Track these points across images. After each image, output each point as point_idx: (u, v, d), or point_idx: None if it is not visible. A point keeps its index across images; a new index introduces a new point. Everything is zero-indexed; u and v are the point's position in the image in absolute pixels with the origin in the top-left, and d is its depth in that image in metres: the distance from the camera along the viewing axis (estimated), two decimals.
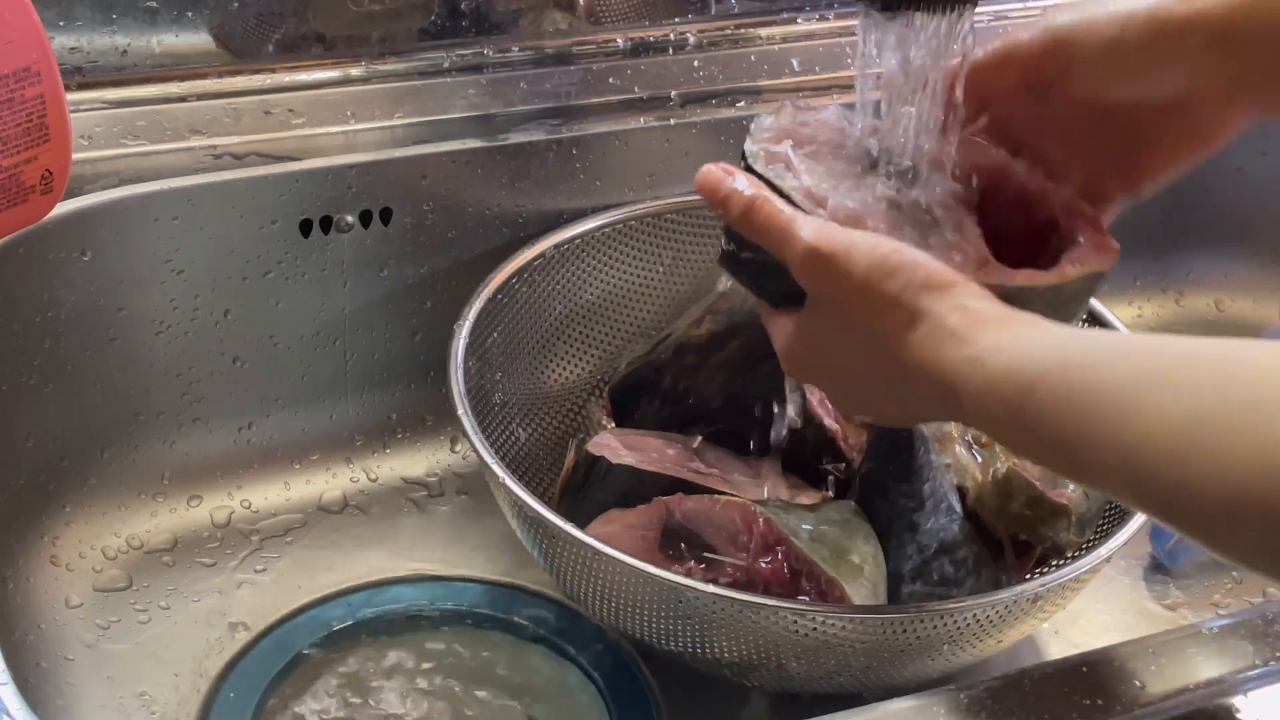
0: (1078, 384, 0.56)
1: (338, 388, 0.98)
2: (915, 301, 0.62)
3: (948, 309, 0.62)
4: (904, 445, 0.83)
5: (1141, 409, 0.52)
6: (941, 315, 0.62)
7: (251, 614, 0.88)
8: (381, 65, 0.98)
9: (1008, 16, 1.13)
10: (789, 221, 0.66)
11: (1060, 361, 0.57)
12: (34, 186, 0.70)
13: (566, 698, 0.83)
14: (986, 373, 0.59)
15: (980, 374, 0.60)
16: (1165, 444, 0.51)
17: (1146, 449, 0.52)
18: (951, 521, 0.82)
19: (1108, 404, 0.54)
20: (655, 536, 0.80)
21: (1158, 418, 0.52)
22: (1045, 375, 0.57)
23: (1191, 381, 0.52)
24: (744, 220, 0.68)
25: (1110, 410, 0.54)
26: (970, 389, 0.60)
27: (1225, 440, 0.49)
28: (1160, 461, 0.51)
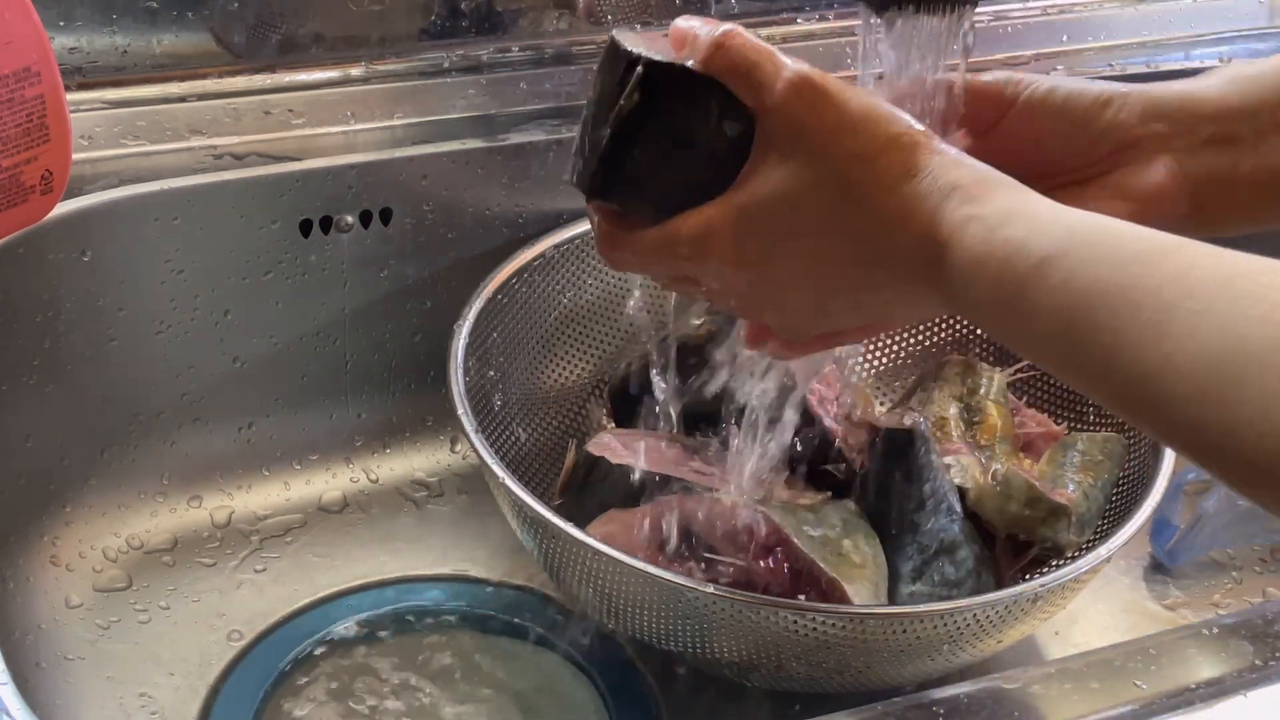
0: (1095, 278, 0.51)
1: (338, 388, 0.98)
2: (912, 149, 0.58)
3: (948, 162, 0.58)
4: (905, 445, 0.83)
5: (1173, 327, 0.48)
6: (941, 167, 0.57)
7: (251, 614, 0.88)
8: (381, 65, 0.98)
9: (1008, 16, 1.13)
10: (771, 51, 0.61)
11: (1080, 246, 0.52)
12: (34, 186, 0.70)
13: (566, 698, 0.83)
14: (989, 237, 0.54)
15: (979, 237, 0.55)
16: (1200, 376, 0.47)
17: (1174, 377, 0.48)
18: (952, 522, 0.82)
19: (1130, 311, 0.49)
20: (655, 536, 0.80)
21: (1193, 343, 0.47)
22: (1060, 257, 0.52)
23: (1233, 306, 0.47)
24: (718, 49, 0.61)
25: (1133, 319, 0.49)
26: (964, 251, 0.55)
27: (1274, 382, 0.45)
28: (1192, 395, 0.47)
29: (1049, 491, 0.84)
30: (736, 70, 0.61)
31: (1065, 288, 0.51)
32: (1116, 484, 0.88)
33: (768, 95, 0.60)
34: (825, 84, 0.60)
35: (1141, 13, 1.17)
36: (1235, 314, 0.47)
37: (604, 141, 0.63)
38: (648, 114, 0.62)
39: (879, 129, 0.59)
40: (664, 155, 0.63)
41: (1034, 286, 0.52)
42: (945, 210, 0.56)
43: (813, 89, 0.59)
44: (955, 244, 0.56)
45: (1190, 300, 0.48)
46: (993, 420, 0.90)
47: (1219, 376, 0.46)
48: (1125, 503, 0.86)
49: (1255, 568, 0.98)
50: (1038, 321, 0.53)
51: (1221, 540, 0.97)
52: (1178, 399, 0.47)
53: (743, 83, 0.61)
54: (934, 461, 0.83)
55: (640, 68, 0.62)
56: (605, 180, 0.64)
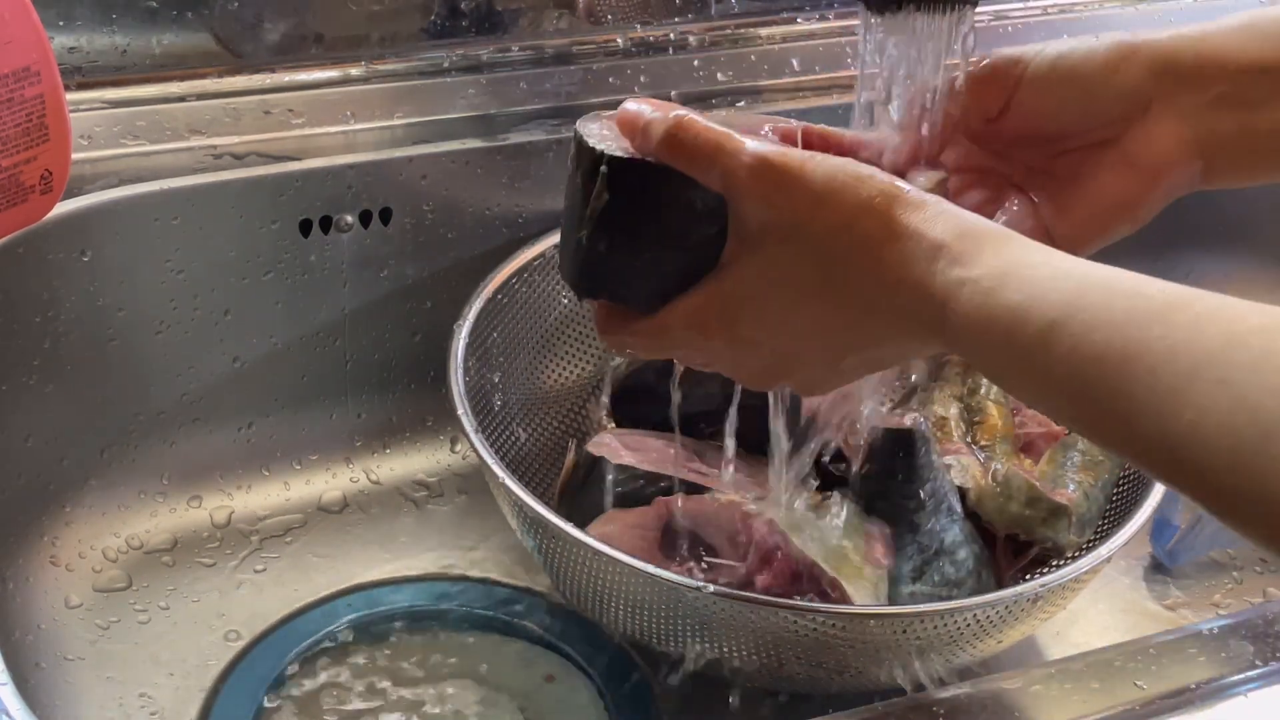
0: (1105, 343, 0.49)
1: (338, 388, 0.98)
2: (889, 211, 0.56)
3: (928, 219, 0.56)
4: (905, 446, 0.83)
5: (1192, 397, 0.47)
6: (922, 226, 0.56)
7: (251, 614, 0.88)
8: (381, 65, 0.98)
9: (1008, 16, 1.13)
10: (726, 136, 0.60)
11: (1083, 309, 0.51)
12: (34, 186, 0.70)
13: (566, 698, 0.83)
14: (985, 302, 0.53)
15: (975, 302, 0.53)
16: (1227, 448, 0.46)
17: (1201, 448, 0.47)
18: (952, 522, 0.82)
19: (1146, 377, 0.48)
20: (655, 537, 0.80)
21: (1216, 415, 0.46)
22: (1064, 322, 0.51)
23: (1252, 376, 0.46)
24: (672, 141, 0.60)
25: (1150, 386, 0.48)
26: (963, 316, 0.54)
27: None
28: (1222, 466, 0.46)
29: (1049, 491, 0.84)
30: (694, 161, 0.60)
31: (1075, 355, 0.50)
32: (1117, 484, 0.88)
33: (731, 180, 0.59)
34: (785, 162, 0.58)
35: (1141, 12, 1.17)
36: (1257, 383, 0.46)
37: (582, 242, 0.63)
38: (618, 211, 0.62)
39: (848, 197, 0.57)
40: (642, 248, 0.62)
41: (1042, 354, 0.51)
42: (934, 274, 0.55)
43: (773, 170, 0.58)
44: (952, 308, 0.54)
45: (1207, 368, 0.47)
46: (993, 420, 0.90)
47: (1247, 449, 0.45)
48: (1125, 503, 0.86)
49: (1255, 568, 0.98)
50: (1052, 386, 0.52)
51: (1222, 540, 0.97)
52: (1207, 469, 0.47)
53: (703, 172, 0.60)
54: (934, 461, 0.83)
55: (604, 167, 0.61)
56: (590, 280, 0.64)
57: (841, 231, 0.57)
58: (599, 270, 0.64)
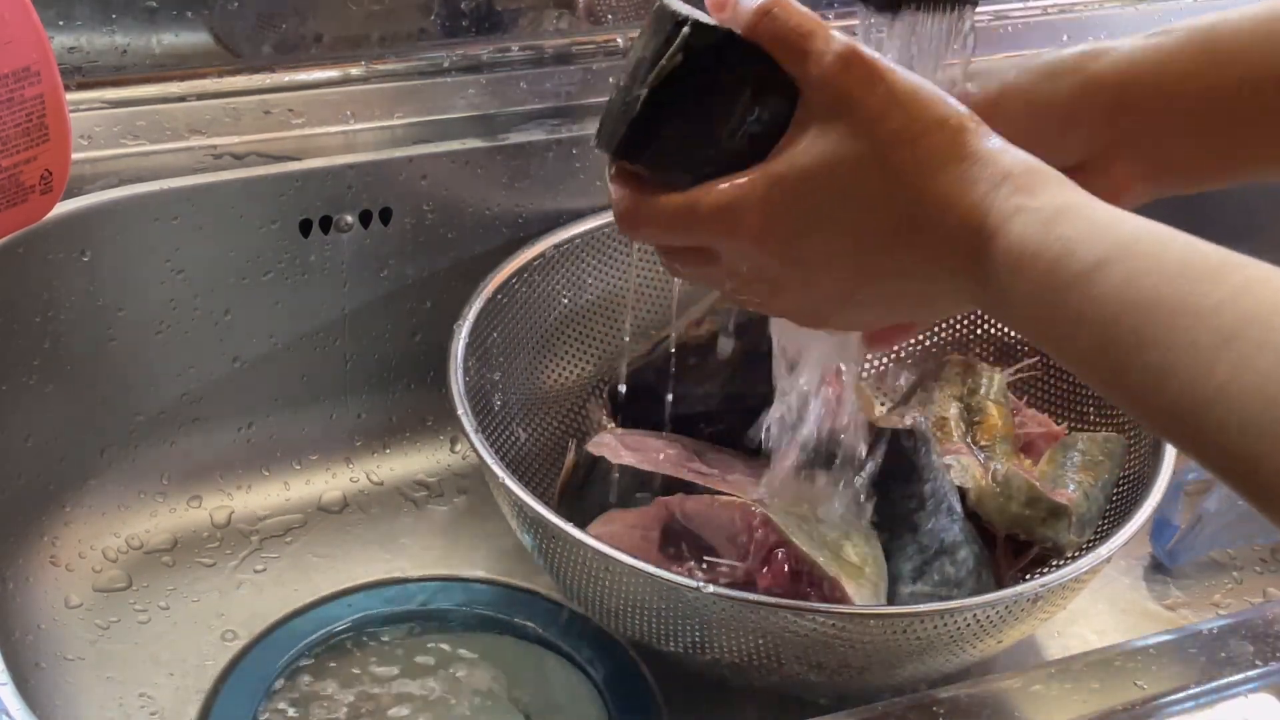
0: (1150, 289, 0.49)
1: (338, 388, 0.98)
2: (961, 132, 0.56)
3: (997, 149, 0.56)
4: (905, 445, 0.83)
5: (1229, 355, 0.46)
6: (991, 154, 0.56)
7: (251, 614, 0.88)
8: (381, 65, 0.98)
9: (1008, 16, 1.13)
10: (820, 23, 0.59)
11: (1136, 255, 0.50)
12: (34, 186, 0.70)
13: (566, 698, 0.83)
14: (1040, 233, 0.52)
15: (1030, 231, 0.52)
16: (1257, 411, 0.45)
17: (1227, 408, 0.46)
18: (952, 522, 0.82)
19: (1183, 331, 0.47)
20: (655, 537, 0.80)
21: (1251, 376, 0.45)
22: (1114, 263, 0.50)
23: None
24: (765, 16, 0.59)
25: (1186, 340, 0.47)
26: (1011, 244, 0.53)
27: None
28: (1247, 429, 0.45)
29: (1049, 491, 0.84)
30: (783, 39, 0.59)
31: (1116, 296, 0.50)
32: (1117, 484, 0.88)
33: (814, 66, 0.58)
34: (875, 60, 0.58)
35: (1141, 12, 1.17)
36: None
37: (639, 101, 0.61)
38: (688, 77, 0.60)
39: (927, 109, 0.57)
40: (699, 121, 0.61)
41: (1082, 291, 0.51)
42: (994, 199, 0.54)
43: (862, 63, 0.58)
44: (1002, 235, 0.54)
45: (1250, 328, 0.46)
46: (993, 420, 0.90)
47: (1272, 415, 0.44)
48: (1125, 503, 0.86)
49: (1255, 568, 0.98)
50: (1082, 328, 0.51)
51: (1222, 540, 0.97)
52: (1231, 431, 0.46)
53: (789, 52, 0.59)
54: (934, 461, 0.83)
55: (686, 29, 0.60)
56: (634, 142, 0.62)
57: (911, 140, 0.57)
58: (648, 134, 0.61)
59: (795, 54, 0.59)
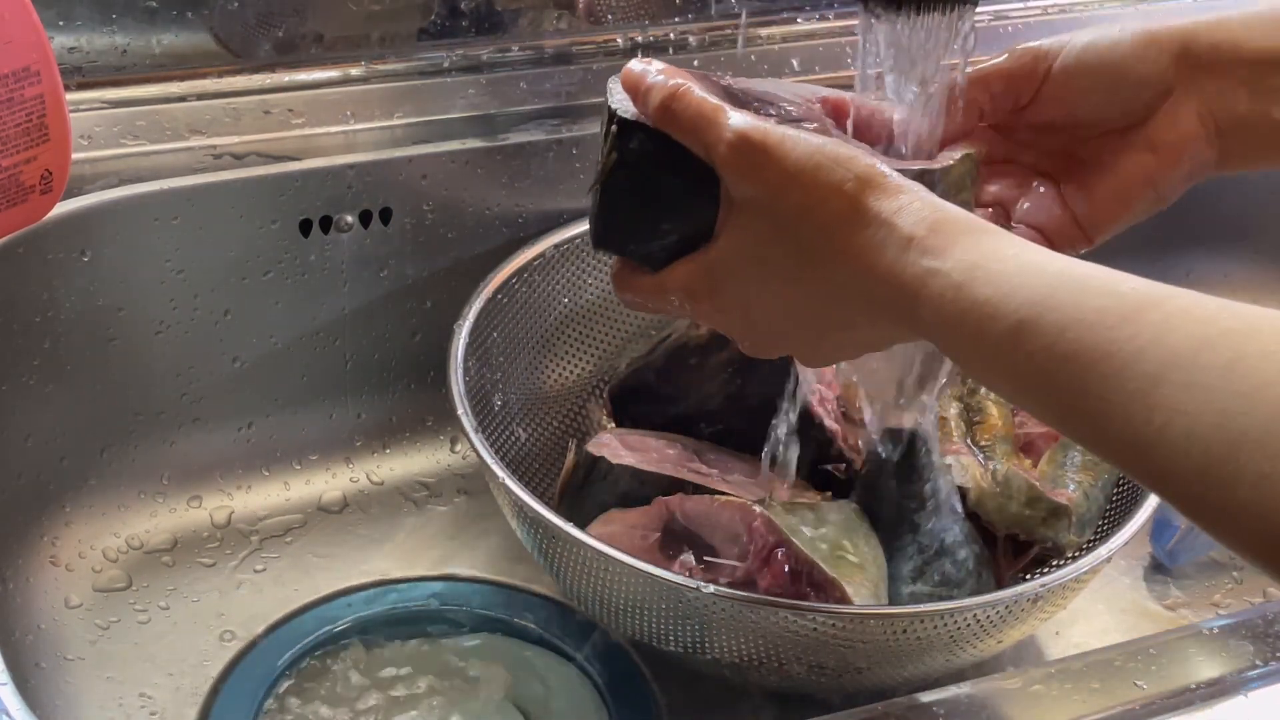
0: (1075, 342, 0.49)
1: (337, 388, 0.98)
2: (859, 197, 0.57)
3: (900, 207, 0.56)
4: (905, 446, 0.83)
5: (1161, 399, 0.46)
6: (894, 216, 0.56)
7: (251, 614, 0.88)
8: (381, 65, 0.98)
9: (1008, 16, 1.13)
10: (715, 110, 0.61)
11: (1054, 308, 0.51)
12: (34, 186, 0.70)
13: (567, 698, 0.83)
14: (956, 297, 0.53)
15: (947, 296, 0.54)
16: (1196, 454, 0.45)
17: (1169, 451, 0.46)
18: (953, 522, 0.82)
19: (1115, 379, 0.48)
20: (655, 537, 0.80)
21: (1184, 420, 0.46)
22: (1035, 322, 0.51)
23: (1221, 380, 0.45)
24: (664, 110, 0.62)
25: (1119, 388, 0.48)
26: (933, 309, 0.54)
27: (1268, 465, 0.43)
28: (1190, 471, 0.46)
29: (1049, 491, 0.84)
30: (686, 131, 0.62)
31: (1046, 354, 0.50)
32: (1117, 484, 0.88)
33: (716, 155, 0.61)
34: (764, 138, 0.59)
35: (1141, 12, 1.17)
36: (1224, 388, 0.45)
37: (596, 196, 0.65)
38: (624, 170, 0.64)
39: (820, 177, 0.58)
40: (644, 209, 0.65)
41: (1011, 352, 0.52)
42: (904, 264, 0.55)
43: (752, 147, 0.60)
44: (922, 301, 0.55)
45: (1175, 371, 0.47)
46: (993, 420, 0.90)
47: (1214, 456, 0.45)
48: (1125, 503, 0.86)
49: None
50: (1023, 383, 0.52)
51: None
52: (1175, 473, 0.47)
53: (694, 142, 0.62)
54: (934, 461, 0.83)
55: (613, 125, 0.64)
56: (601, 235, 0.67)
57: (813, 211, 0.58)
58: (608, 225, 0.66)
59: (697, 144, 0.62)
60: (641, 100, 0.63)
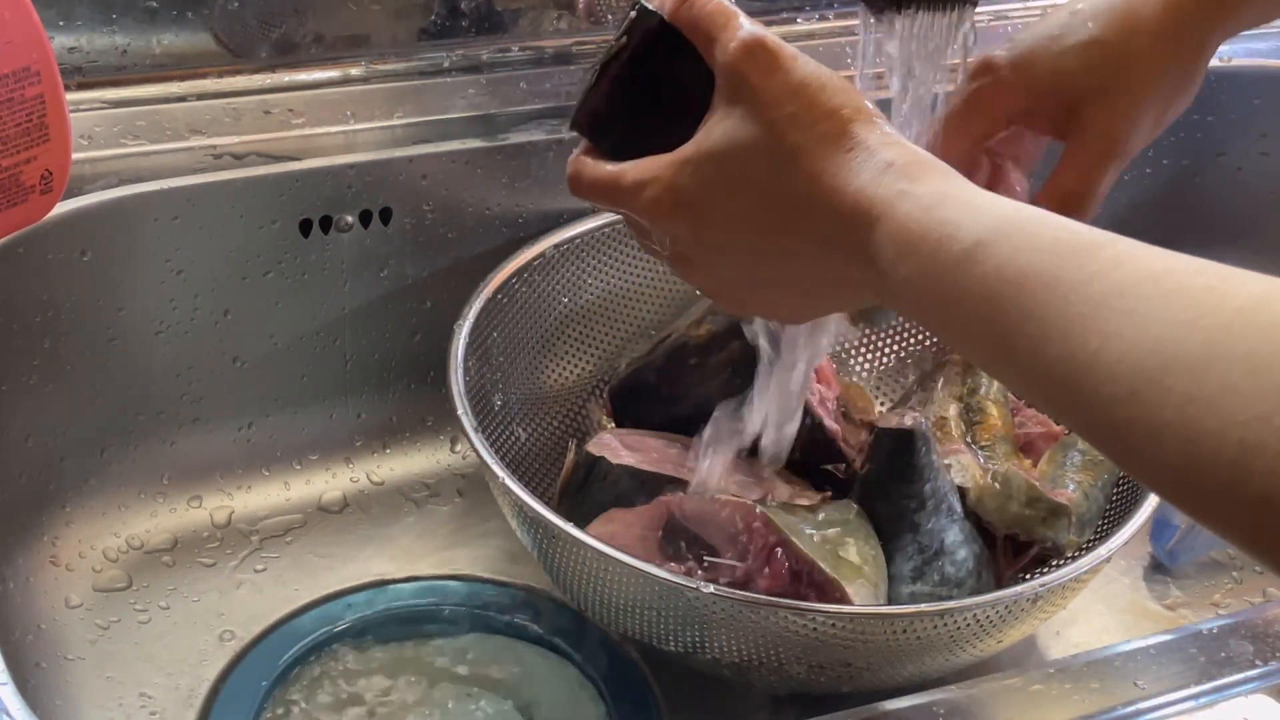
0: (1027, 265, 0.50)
1: (338, 388, 0.98)
2: (851, 122, 0.59)
3: (885, 139, 0.58)
4: (905, 446, 0.83)
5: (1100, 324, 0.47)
6: (878, 142, 0.58)
7: (251, 614, 0.88)
8: (381, 65, 0.98)
9: (1008, 16, 1.13)
10: (733, 13, 0.62)
11: (1013, 234, 0.52)
12: (34, 186, 0.70)
13: (566, 698, 0.83)
14: (922, 217, 0.55)
15: (913, 215, 0.55)
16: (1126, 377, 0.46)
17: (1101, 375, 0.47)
18: (952, 522, 0.82)
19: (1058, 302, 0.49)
20: (655, 537, 0.80)
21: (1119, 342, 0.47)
22: (993, 244, 0.52)
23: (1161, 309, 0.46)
24: (682, 6, 0.63)
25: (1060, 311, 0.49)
26: (895, 227, 0.55)
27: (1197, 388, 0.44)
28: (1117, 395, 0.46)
29: (1049, 491, 0.84)
30: (698, 26, 0.63)
31: (996, 274, 0.51)
32: (1116, 484, 0.88)
33: (721, 53, 0.61)
34: (778, 48, 0.60)
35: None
36: (1163, 317, 0.46)
37: (591, 77, 0.66)
38: (628, 58, 0.65)
39: (822, 97, 0.59)
40: (633, 99, 0.65)
41: (964, 271, 0.52)
42: (878, 184, 0.57)
43: (764, 51, 0.60)
44: (886, 219, 0.56)
45: (1119, 298, 0.47)
46: (993, 420, 0.90)
47: (1144, 378, 0.46)
48: (1125, 503, 0.86)
49: (1255, 568, 0.98)
50: (965, 306, 0.53)
51: (1222, 540, 0.96)
52: (1103, 398, 0.47)
53: (702, 39, 0.62)
54: (934, 461, 0.83)
55: (633, 12, 0.64)
56: (580, 115, 0.67)
57: (803, 126, 0.59)
58: (592, 107, 0.67)
59: (707, 41, 0.62)
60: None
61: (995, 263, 0.51)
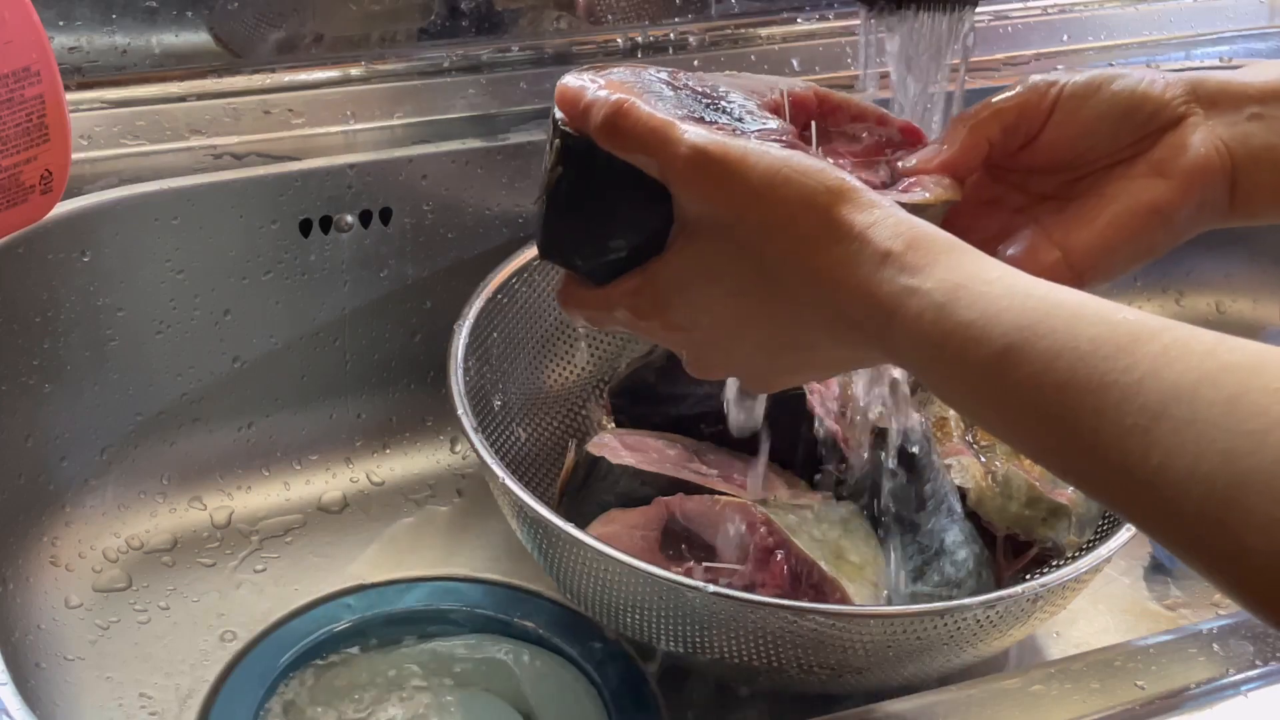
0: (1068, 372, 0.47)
1: (338, 388, 0.98)
2: (830, 210, 0.54)
3: (876, 221, 0.54)
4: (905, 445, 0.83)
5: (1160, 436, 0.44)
6: (869, 230, 0.53)
7: (251, 615, 0.88)
8: (381, 65, 0.98)
9: (1008, 16, 1.13)
10: (666, 125, 0.57)
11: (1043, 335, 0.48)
12: (34, 186, 0.70)
13: (566, 698, 0.83)
14: (937, 318, 0.51)
15: (927, 317, 0.51)
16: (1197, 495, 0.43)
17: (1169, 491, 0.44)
18: (952, 522, 0.82)
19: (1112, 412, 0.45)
20: (655, 537, 0.80)
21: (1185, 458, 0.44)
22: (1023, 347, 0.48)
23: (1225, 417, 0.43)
24: (609, 128, 0.58)
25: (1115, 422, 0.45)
26: (912, 330, 0.51)
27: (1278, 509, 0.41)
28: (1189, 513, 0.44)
29: (1049, 491, 0.84)
30: (632, 151, 0.59)
31: (1034, 381, 0.48)
32: None
33: (670, 173, 0.58)
34: (725, 154, 0.56)
35: (1141, 12, 1.17)
36: (1229, 426, 0.43)
37: (541, 209, 0.63)
38: (568, 184, 0.62)
39: (789, 191, 0.55)
40: (589, 224, 0.62)
41: (998, 377, 0.49)
42: (880, 281, 0.53)
43: (711, 163, 0.56)
44: (899, 320, 0.52)
45: (1175, 405, 0.44)
46: None
47: (1218, 497, 0.43)
48: None
49: None
50: (1009, 412, 0.50)
51: None
52: (1173, 515, 0.44)
53: (644, 161, 0.58)
54: (934, 461, 0.83)
55: (557, 139, 0.61)
56: (546, 246, 0.65)
57: (778, 229, 0.55)
58: (552, 238, 0.64)
59: (648, 164, 0.58)
60: (582, 118, 0.60)
61: (1032, 369, 0.48)
